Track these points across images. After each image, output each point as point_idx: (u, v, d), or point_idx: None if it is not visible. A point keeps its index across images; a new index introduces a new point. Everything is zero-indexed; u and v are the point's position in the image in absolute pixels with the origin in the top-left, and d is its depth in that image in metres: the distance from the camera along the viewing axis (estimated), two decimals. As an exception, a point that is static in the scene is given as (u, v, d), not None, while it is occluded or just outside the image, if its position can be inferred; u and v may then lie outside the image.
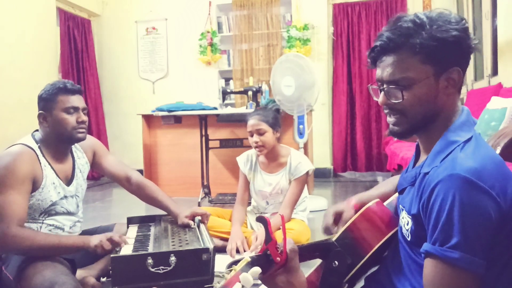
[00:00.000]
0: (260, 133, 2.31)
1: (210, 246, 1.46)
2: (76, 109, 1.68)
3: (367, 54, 0.97)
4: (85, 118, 1.70)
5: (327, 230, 1.17)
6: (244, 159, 2.50)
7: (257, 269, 0.85)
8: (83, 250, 1.55)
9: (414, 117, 0.92)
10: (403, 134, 0.96)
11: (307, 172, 2.36)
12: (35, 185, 1.60)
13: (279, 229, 2.10)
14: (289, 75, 3.33)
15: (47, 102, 1.66)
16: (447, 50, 0.87)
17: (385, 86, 0.93)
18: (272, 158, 2.43)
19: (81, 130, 1.69)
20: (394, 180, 1.24)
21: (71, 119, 1.66)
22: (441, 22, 0.87)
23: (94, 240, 1.52)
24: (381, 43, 0.92)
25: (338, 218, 1.17)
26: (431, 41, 0.86)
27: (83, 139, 1.72)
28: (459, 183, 0.79)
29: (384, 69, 0.92)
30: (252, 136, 2.34)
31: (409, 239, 0.93)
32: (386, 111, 0.96)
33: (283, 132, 2.51)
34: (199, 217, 1.79)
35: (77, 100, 1.69)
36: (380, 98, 0.95)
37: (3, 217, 1.47)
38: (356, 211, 1.10)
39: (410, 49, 0.88)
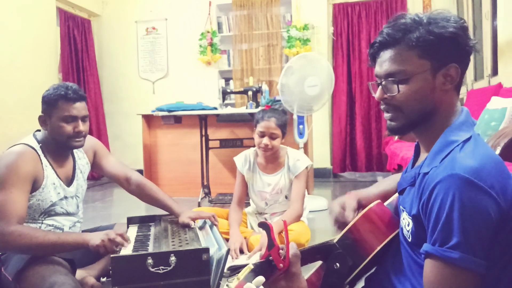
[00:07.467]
0: (273, 137, 2.31)
1: (225, 248, 1.47)
2: (74, 118, 1.64)
3: (367, 52, 0.99)
4: (82, 128, 1.66)
5: (337, 222, 1.13)
6: (242, 159, 2.49)
7: (261, 279, 0.85)
8: (82, 248, 1.54)
9: (410, 112, 0.92)
10: (400, 129, 0.96)
11: (306, 167, 2.39)
12: (35, 185, 1.60)
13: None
14: (314, 75, 3.31)
15: (48, 106, 1.65)
16: (444, 46, 0.88)
17: (382, 80, 0.94)
18: (271, 160, 2.43)
19: (77, 140, 1.66)
20: (396, 177, 1.23)
21: (68, 128, 1.63)
22: (439, 20, 0.89)
23: (95, 240, 1.50)
24: (380, 39, 0.94)
25: (344, 208, 1.15)
26: (428, 35, 0.88)
27: (79, 147, 1.71)
28: (459, 183, 0.79)
29: (382, 64, 0.94)
30: (262, 136, 2.31)
31: (410, 240, 0.93)
32: (382, 107, 0.97)
33: (283, 133, 2.53)
34: (208, 221, 1.81)
35: (77, 109, 1.64)
36: (377, 93, 0.97)
37: (3, 215, 1.47)
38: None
39: (407, 43, 0.90)
